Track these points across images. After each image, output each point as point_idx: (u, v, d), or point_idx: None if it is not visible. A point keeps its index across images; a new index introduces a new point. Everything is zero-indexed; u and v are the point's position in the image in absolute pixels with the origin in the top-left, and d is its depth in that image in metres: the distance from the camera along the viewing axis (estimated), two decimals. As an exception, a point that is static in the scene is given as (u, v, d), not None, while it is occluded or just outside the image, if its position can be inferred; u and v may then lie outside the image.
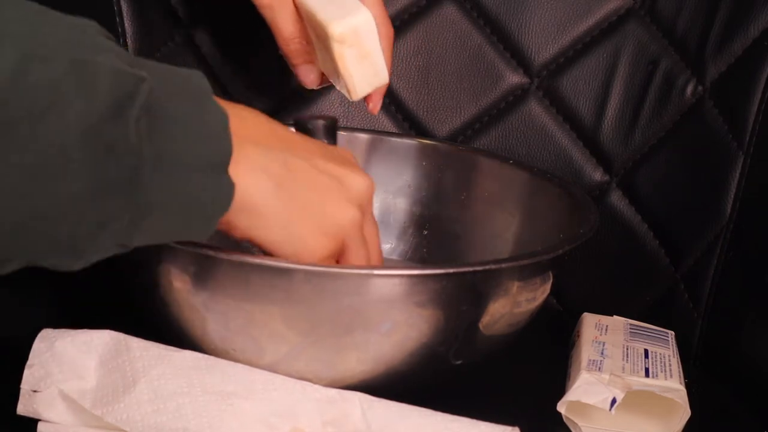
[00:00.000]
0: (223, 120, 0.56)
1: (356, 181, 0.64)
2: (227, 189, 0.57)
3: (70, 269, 0.54)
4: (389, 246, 0.88)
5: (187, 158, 0.54)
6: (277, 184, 0.60)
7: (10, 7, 0.50)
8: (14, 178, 0.49)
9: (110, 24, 0.89)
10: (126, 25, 0.90)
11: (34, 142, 0.49)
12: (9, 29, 0.49)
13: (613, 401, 0.70)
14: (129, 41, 0.90)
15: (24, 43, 0.49)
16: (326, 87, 0.84)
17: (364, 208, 0.65)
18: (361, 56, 0.73)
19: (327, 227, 0.63)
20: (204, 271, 0.65)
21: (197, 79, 0.57)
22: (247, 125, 0.60)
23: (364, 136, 0.88)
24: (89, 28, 0.53)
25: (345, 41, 0.72)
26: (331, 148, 0.68)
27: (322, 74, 0.79)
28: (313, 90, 0.92)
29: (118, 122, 0.51)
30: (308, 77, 0.79)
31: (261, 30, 0.80)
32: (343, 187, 0.64)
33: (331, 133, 0.74)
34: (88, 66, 0.50)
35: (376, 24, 0.73)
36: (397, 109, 0.94)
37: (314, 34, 0.75)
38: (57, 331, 0.66)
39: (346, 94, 0.76)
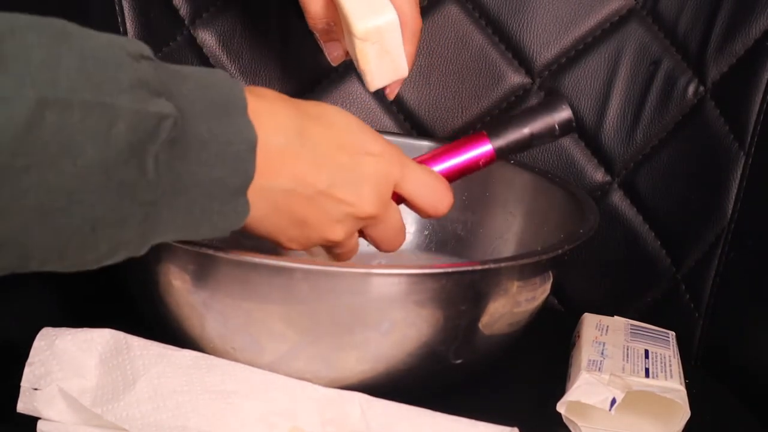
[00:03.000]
0: (250, 140, 0.55)
1: (358, 196, 0.63)
2: (242, 211, 0.57)
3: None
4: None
5: (207, 185, 0.54)
6: (277, 208, 0.60)
7: (33, 30, 0.48)
8: (19, 217, 0.48)
9: (112, 24, 0.89)
10: (127, 24, 0.90)
11: (43, 186, 0.48)
12: (29, 60, 0.47)
13: (613, 401, 0.70)
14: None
15: (42, 83, 0.47)
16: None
17: (362, 218, 0.64)
18: (382, 53, 0.73)
19: (314, 242, 0.64)
20: (203, 270, 0.65)
21: (230, 89, 0.56)
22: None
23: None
24: (114, 53, 0.50)
25: (367, 39, 0.72)
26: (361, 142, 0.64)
27: (347, 51, 0.80)
28: (316, 86, 0.92)
29: (134, 163, 0.50)
30: (333, 53, 0.80)
31: (261, 29, 0.80)
32: (338, 204, 0.62)
33: None
34: (106, 111, 0.49)
35: (405, 18, 0.73)
36: (399, 109, 0.95)
37: (342, 20, 0.75)
38: (57, 329, 0.66)
39: (365, 82, 0.76)
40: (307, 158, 0.59)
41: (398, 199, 0.67)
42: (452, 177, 0.72)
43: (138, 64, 0.51)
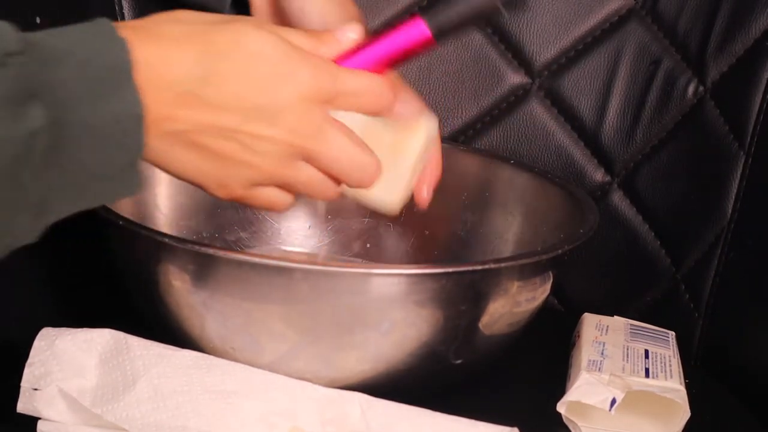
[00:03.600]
0: (137, 113, 0.52)
1: (276, 127, 0.57)
2: (135, 182, 0.55)
3: None
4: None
5: (95, 168, 0.52)
6: (187, 149, 0.57)
7: None
8: None
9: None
10: (127, 24, 0.90)
11: None
12: None
13: (613, 401, 0.70)
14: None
15: None
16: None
17: (290, 147, 0.58)
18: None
19: (242, 182, 0.60)
20: (203, 270, 0.65)
21: (114, 53, 0.52)
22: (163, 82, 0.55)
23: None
24: None
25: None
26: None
27: None
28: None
29: (8, 183, 0.49)
30: None
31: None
32: (256, 140, 0.58)
33: None
34: None
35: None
36: (399, 109, 0.95)
37: None
38: (57, 329, 0.66)
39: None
40: (211, 103, 0.56)
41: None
42: (389, 65, 0.64)
43: (3, 72, 0.48)
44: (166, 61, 0.54)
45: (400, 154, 0.63)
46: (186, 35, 0.56)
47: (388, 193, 0.64)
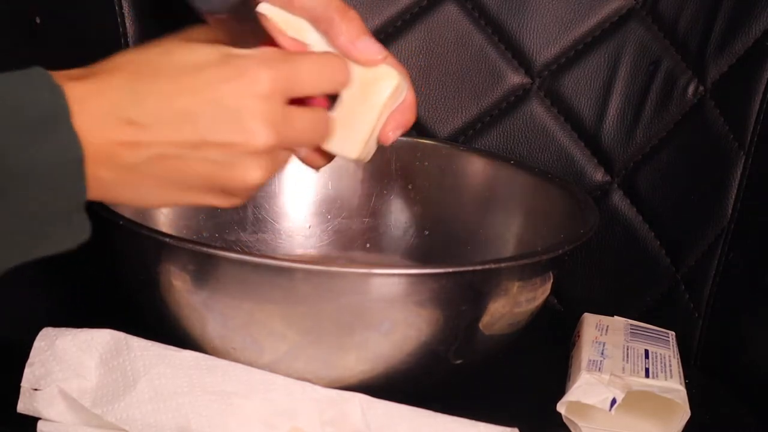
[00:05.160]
0: (77, 156, 0.51)
1: (242, 132, 0.54)
2: (82, 227, 0.53)
3: None
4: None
5: (36, 216, 0.51)
6: (147, 179, 0.55)
7: None
8: None
9: (111, 24, 0.89)
10: (127, 25, 0.90)
11: None
12: None
13: (613, 401, 0.70)
14: (131, 42, 0.90)
15: None
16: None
17: (261, 151, 0.56)
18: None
19: (227, 190, 0.57)
20: (204, 270, 0.65)
21: (48, 98, 0.50)
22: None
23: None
24: None
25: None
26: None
27: None
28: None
29: None
30: None
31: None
32: (223, 150, 0.55)
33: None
34: None
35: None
36: (399, 109, 0.94)
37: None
38: (58, 329, 0.66)
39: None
40: (156, 123, 0.53)
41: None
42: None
43: None
44: (98, 92, 0.52)
45: (367, 98, 0.64)
46: (116, 65, 0.54)
47: (352, 135, 0.64)
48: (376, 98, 0.64)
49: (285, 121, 0.56)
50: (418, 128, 0.95)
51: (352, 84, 0.63)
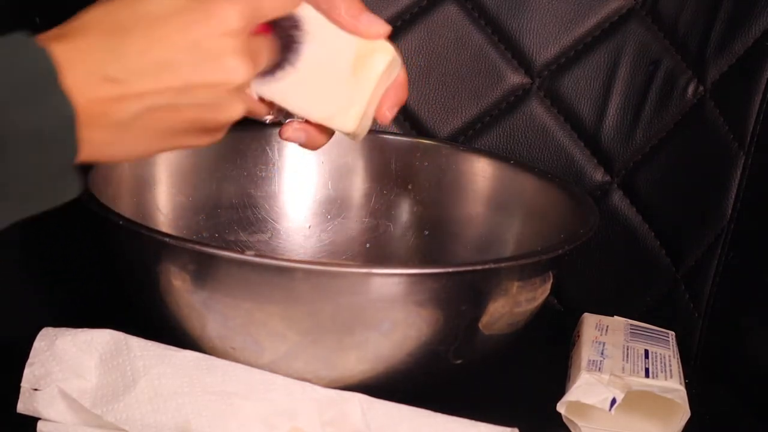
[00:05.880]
0: (68, 115, 0.51)
1: (222, 71, 0.55)
2: (73, 185, 0.53)
3: None
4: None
5: (31, 175, 0.51)
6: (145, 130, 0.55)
7: None
8: None
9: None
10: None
11: None
12: None
13: (613, 401, 0.70)
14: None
15: None
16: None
17: (244, 83, 0.57)
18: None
19: (213, 127, 0.58)
20: (203, 270, 0.65)
21: (36, 60, 0.51)
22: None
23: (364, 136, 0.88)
24: None
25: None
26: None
27: None
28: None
29: None
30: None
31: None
32: (209, 90, 0.56)
33: None
34: None
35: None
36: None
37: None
38: (58, 329, 0.66)
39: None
40: (137, 77, 0.54)
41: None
42: None
43: None
44: (78, 52, 0.53)
45: (363, 71, 0.64)
46: (86, 24, 0.54)
47: (347, 107, 0.65)
48: (373, 70, 0.64)
49: (254, 51, 0.58)
50: (418, 128, 0.95)
51: (341, 50, 0.64)
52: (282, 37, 0.63)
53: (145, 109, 0.54)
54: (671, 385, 0.72)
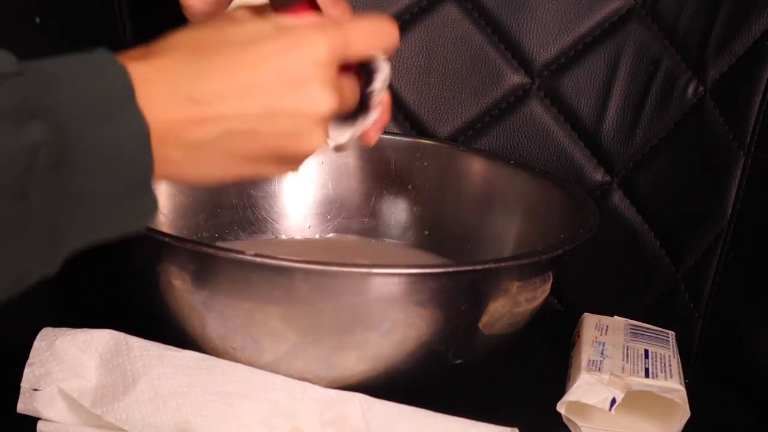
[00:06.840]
0: (142, 132, 0.51)
1: (308, 101, 0.55)
2: (150, 206, 0.53)
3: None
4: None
5: (105, 192, 0.51)
6: (217, 155, 0.55)
7: None
8: None
9: (111, 24, 0.89)
10: (127, 25, 0.90)
11: None
12: None
13: (613, 401, 0.70)
14: (130, 41, 0.90)
15: None
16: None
17: (326, 117, 0.56)
18: None
19: (291, 159, 0.57)
20: (203, 270, 0.65)
21: (113, 77, 0.51)
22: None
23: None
24: None
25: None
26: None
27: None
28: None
29: (16, 202, 0.47)
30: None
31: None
32: (293, 118, 0.56)
33: None
34: None
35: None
36: (398, 109, 0.95)
37: None
38: (57, 329, 0.66)
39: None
40: (221, 99, 0.53)
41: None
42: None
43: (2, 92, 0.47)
44: (160, 72, 0.53)
45: None
46: (173, 45, 0.55)
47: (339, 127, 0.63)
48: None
49: (340, 87, 0.57)
50: (418, 128, 0.95)
51: None
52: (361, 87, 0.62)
53: (224, 133, 0.54)
54: (671, 385, 0.73)
